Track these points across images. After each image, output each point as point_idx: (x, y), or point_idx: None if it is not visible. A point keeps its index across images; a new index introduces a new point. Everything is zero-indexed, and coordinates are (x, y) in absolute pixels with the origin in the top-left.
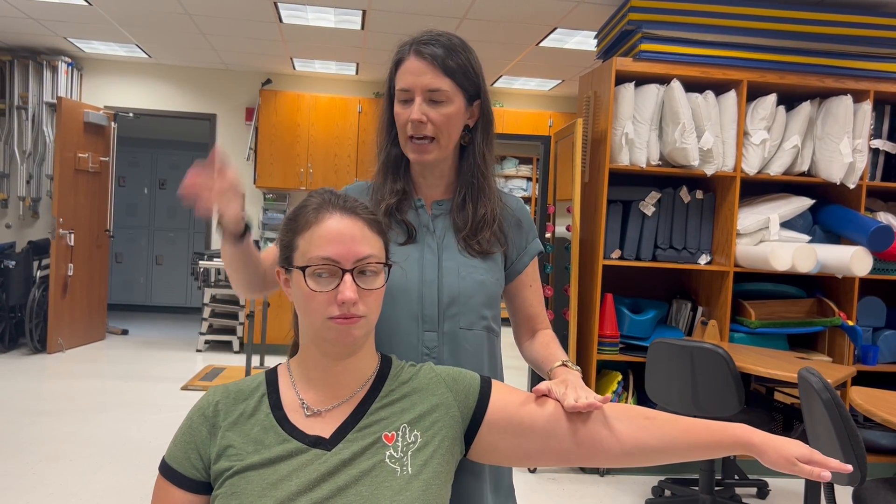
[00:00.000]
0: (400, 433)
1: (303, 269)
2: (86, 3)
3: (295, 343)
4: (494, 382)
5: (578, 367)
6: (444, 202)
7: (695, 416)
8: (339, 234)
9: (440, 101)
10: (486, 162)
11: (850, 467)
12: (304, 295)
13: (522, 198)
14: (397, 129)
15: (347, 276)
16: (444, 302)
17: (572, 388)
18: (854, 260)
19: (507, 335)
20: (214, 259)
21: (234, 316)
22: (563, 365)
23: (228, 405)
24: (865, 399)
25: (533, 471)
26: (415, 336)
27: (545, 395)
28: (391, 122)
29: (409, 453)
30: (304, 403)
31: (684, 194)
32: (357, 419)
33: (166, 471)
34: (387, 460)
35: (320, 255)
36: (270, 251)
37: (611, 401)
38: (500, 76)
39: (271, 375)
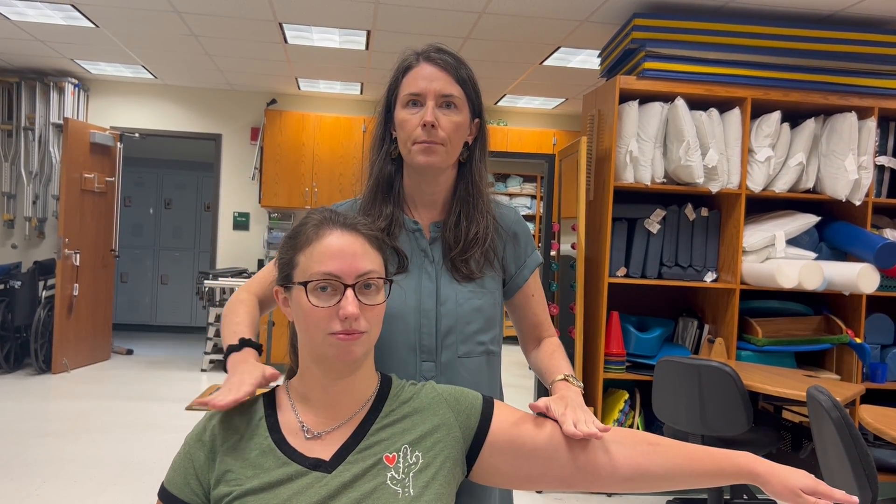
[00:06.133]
0: (401, 454)
1: (304, 284)
2: (92, 25)
3: (291, 369)
4: (497, 403)
5: (581, 383)
6: (441, 223)
7: (703, 435)
8: (341, 249)
9: (451, 108)
10: (483, 180)
11: (855, 499)
12: (304, 311)
13: (526, 216)
14: (400, 137)
15: (349, 291)
16: (441, 332)
17: (572, 408)
18: (861, 277)
19: (509, 354)
20: (219, 278)
21: None
22: (565, 380)
23: (225, 429)
24: (875, 417)
25: (539, 490)
26: (412, 366)
27: (543, 414)
28: (385, 137)
29: (411, 474)
30: (303, 426)
31: (689, 212)
32: (357, 440)
33: (166, 497)
34: (388, 482)
35: (321, 271)
36: (269, 273)
37: (616, 420)
38: (504, 95)
39: (269, 398)
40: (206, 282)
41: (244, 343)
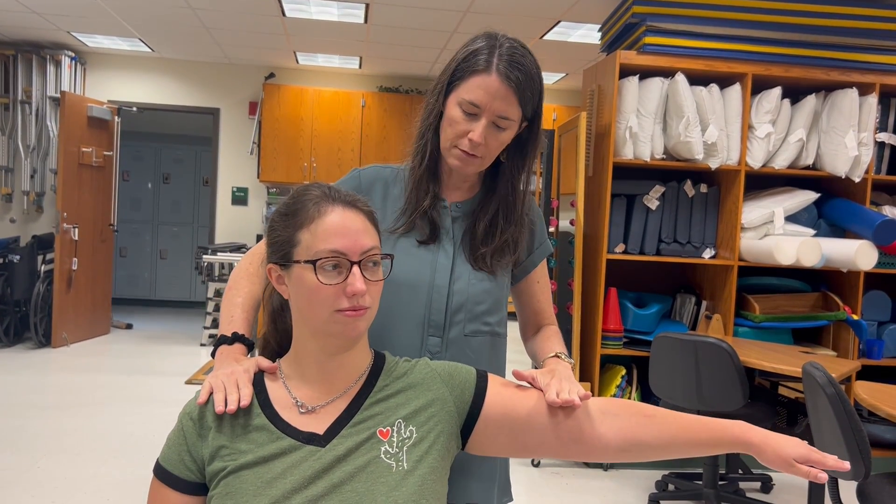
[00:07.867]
0: (395, 428)
1: (313, 262)
2: None
3: (265, 342)
4: (490, 376)
5: (572, 360)
6: (464, 204)
7: (699, 411)
8: (344, 226)
9: (502, 128)
10: (526, 185)
11: (847, 465)
12: (309, 289)
13: None
14: (444, 131)
15: (356, 268)
16: (451, 308)
17: (557, 379)
18: (859, 254)
19: (512, 328)
20: (218, 253)
21: None
22: (556, 356)
23: (215, 407)
24: (870, 393)
25: (536, 465)
26: (418, 340)
27: (531, 384)
28: (439, 116)
29: (405, 449)
30: (297, 401)
31: (688, 188)
32: (351, 415)
33: (161, 473)
34: (382, 456)
35: (328, 248)
36: (262, 249)
37: (613, 395)
38: None
39: (257, 376)
40: (204, 257)
41: (236, 338)
